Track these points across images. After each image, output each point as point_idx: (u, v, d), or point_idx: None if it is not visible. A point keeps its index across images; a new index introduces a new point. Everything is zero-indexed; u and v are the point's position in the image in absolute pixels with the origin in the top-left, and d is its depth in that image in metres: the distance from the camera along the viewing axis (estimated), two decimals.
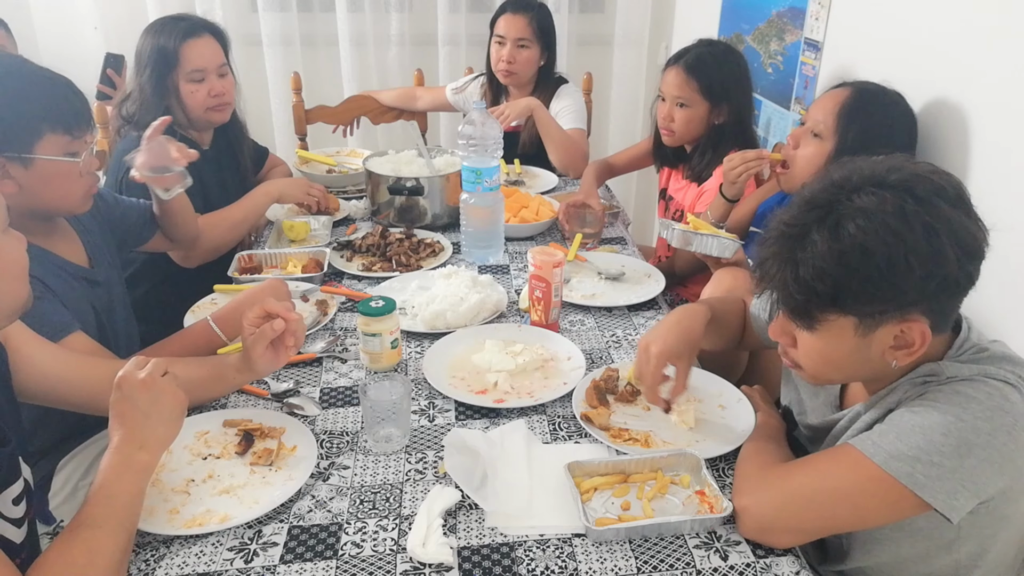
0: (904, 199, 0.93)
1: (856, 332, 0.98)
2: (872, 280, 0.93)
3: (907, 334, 0.97)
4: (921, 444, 0.95)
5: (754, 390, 1.38)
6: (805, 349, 1.05)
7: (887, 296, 0.94)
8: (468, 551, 1.05)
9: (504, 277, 1.87)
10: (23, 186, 1.34)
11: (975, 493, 0.95)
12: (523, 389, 1.40)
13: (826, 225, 0.94)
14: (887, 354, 1.00)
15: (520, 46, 2.53)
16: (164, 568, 1.03)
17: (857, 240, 0.92)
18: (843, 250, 0.93)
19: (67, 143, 1.37)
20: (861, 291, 0.94)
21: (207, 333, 1.48)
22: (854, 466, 0.99)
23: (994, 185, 1.46)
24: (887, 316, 0.96)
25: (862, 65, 1.92)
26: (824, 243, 0.94)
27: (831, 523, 1.05)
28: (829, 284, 0.94)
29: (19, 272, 1.05)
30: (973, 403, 0.96)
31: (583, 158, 2.55)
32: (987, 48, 1.50)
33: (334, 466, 1.22)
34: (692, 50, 2.08)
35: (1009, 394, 0.97)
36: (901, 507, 0.97)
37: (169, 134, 1.95)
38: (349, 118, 2.95)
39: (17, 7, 2.92)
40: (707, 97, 2.05)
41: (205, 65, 1.99)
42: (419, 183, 2.04)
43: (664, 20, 3.37)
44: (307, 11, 3.18)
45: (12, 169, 1.32)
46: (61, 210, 1.47)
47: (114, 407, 1.05)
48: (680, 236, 1.62)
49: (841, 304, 0.96)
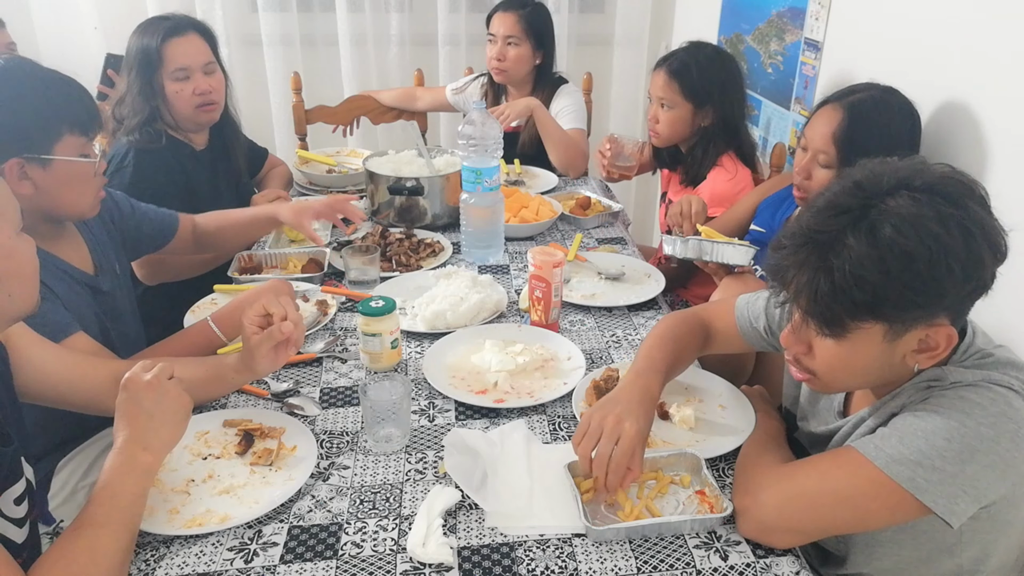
0: (938, 202, 0.90)
1: (884, 338, 0.95)
2: (913, 286, 0.90)
3: (933, 337, 0.96)
4: (924, 448, 0.94)
5: (754, 390, 1.38)
6: (825, 357, 1.01)
7: (926, 302, 0.92)
8: (468, 551, 1.05)
9: (504, 277, 1.87)
10: (40, 187, 1.35)
11: (976, 498, 0.94)
12: (523, 389, 1.40)
13: (861, 229, 0.91)
14: (909, 357, 0.98)
15: (509, 44, 2.53)
16: (164, 568, 1.03)
17: (898, 244, 0.89)
18: (882, 256, 0.89)
19: (83, 144, 1.38)
20: (901, 297, 0.91)
21: (207, 333, 1.48)
22: (856, 469, 0.98)
23: (997, 185, 1.46)
24: (919, 321, 0.94)
25: (862, 65, 1.92)
26: (862, 247, 0.90)
27: (831, 524, 1.05)
28: (868, 292, 0.90)
29: (31, 273, 1.06)
30: (977, 409, 0.94)
31: (583, 158, 2.55)
32: (988, 46, 1.50)
33: (334, 466, 1.22)
34: (679, 53, 2.11)
35: (1013, 400, 0.96)
36: (902, 511, 0.97)
37: (158, 136, 1.95)
38: (349, 118, 2.95)
39: (17, 7, 2.92)
40: (689, 99, 2.07)
41: (189, 63, 1.95)
42: (419, 183, 2.04)
43: (664, 20, 3.37)
44: (307, 11, 3.18)
45: (30, 170, 1.33)
46: (73, 212, 1.46)
47: (120, 408, 1.06)
48: (694, 247, 1.61)
49: (878, 312, 0.93)
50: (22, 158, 1.31)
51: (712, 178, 2.09)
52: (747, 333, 1.32)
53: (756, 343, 1.33)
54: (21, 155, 1.31)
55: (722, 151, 2.09)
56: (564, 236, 2.10)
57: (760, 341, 1.31)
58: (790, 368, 1.09)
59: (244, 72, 3.14)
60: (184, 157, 2.02)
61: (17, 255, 1.02)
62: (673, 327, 1.32)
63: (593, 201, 2.25)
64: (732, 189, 2.06)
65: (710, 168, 2.10)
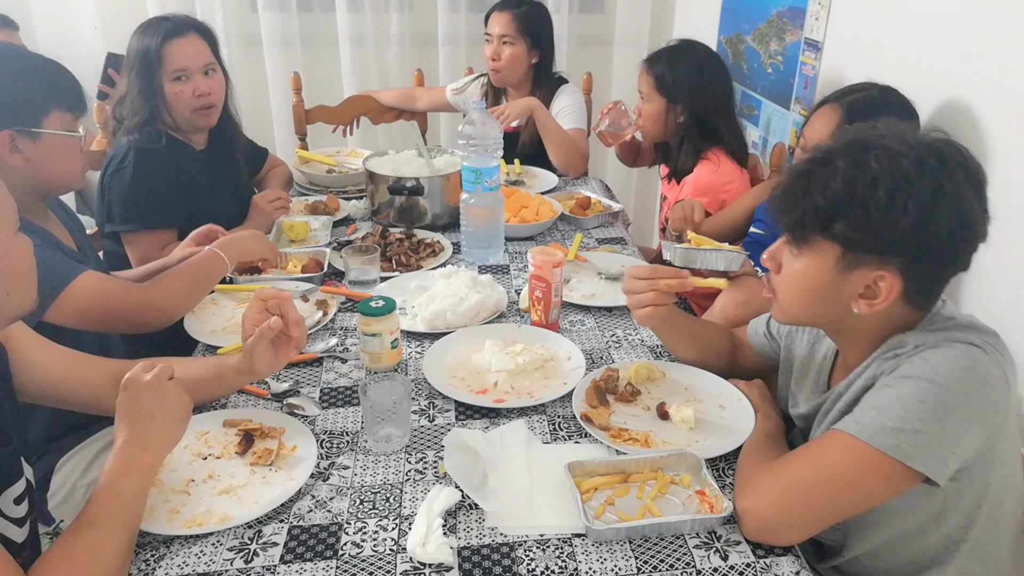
0: (928, 156, 0.98)
1: (836, 265, 1.03)
2: (867, 208, 0.98)
3: (878, 284, 1.02)
4: (901, 414, 0.98)
5: (753, 384, 1.38)
6: (786, 274, 1.11)
7: (874, 229, 0.99)
8: (468, 551, 1.05)
9: (504, 277, 1.87)
10: (29, 160, 1.44)
11: (959, 455, 0.98)
12: (523, 389, 1.40)
13: (851, 155, 1.00)
14: (854, 302, 1.05)
15: (504, 43, 2.53)
16: (164, 568, 1.03)
17: (871, 169, 0.98)
18: (855, 175, 0.98)
19: (70, 120, 1.48)
20: (855, 217, 0.99)
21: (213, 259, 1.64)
22: (843, 448, 1.01)
23: (997, 185, 1.46)
24: (868, 258, 1.01)
25: (862, 65, 1.92)
26: (843, 168, 1.00)
27: (832, 510, 1.05)
28: (830, 201, 1.00)
29: (29, 271, 1.06)
30: (942, 367, 0.99)
31: (583, 158, 2.55)
32: (988, 46, 1.50)
33: (334, 466, 1.22)
34: (660, 49, 2.19)
35: (975, 354, 1.01)
36: (896, 481, 1.00)
37: (158, 136, 1.95)
38: (349, 118, 2.95)
39: (17, 7, 2.92)
40: (662, 93, 2.15)
41: (189, 65, 1.94)
42: (419, 183, 2.04)
43: (664, 20, 3.37)
44: (307, 11, 3.18)
45: (21, 143, 1.42)
46: (60, 185, 1.56)
47: (120, 408, 1.06)
48: (682, 255, 1.60)
49: (835, 228, 1.01)
50: (13, 131, 1.40)
51: (697, 172, 2.15)
52: (755, 342, 1.43)
53: (762, 349, 1.43)
54: (12, 128, 1.40)
55: (703, 148, 2.13)
56: (564, 236, 2.10)
57: (765, 345, 1.41)
58: (763, 288, 1.17)
59: (244, 72, 3.14)
60: (184, 157, 2.02)
61: (15, 254, 1.03)
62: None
63: (593, 201, 2.25)
64: (717, 180, 2.10)
65: (695, 163, 2.15)
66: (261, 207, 2.07)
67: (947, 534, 1.10)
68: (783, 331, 1.37)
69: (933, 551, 1.12)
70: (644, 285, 1.32)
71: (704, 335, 1.46)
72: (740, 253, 1.57)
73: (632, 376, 1.39)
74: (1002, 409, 1.01)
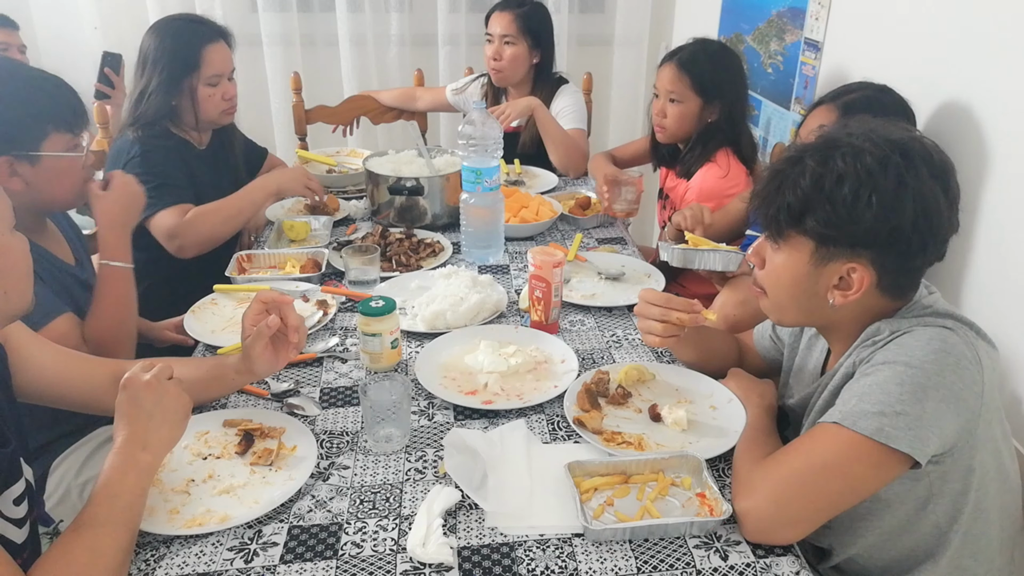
0: (892, 152, 1.02)
1: (811, 259, 1.08)
2: (835, 205, 1.02)
3: (850, 276, 1.06)
4: (881, 399, 1.01)
5: (731, 374, 1.39)
6: (769, 268, 1.15)
7: (842, 223, 1.03)
8: (468, 551, 1.05)
9: (504, 277, 1.87)
10: (29, 183, 1.41)
11: (938, 435, 1.01)
12: (513, 391, 1.39)
13: (820, 153, 1.05)
14: (830, 293, 1.09)
15: (506, 43, 2.53)
16: (164, 568, 1.03)
17: (837, 168, 1.03)
18: (823, 173, 1.03)
19: (69, 140, 1.45)
20: (822, 212, 1.03)
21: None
22: (831, 438, 1.03)
23: (996, 185, 1.46)
24: (839, 251, 1.06)
25: (862, 65, 1.92)
26: (811, 167, 1.05)
27: (827, 502, 1.05)
28: (801, 199, 1.05)
29: (25, 270, 1.06)
30: (916, 351, 1.03)
31: (583, 158, 2.55)
32: (987, 46, 1.50)
33: (334, 466, 1.22)
34: (687, 47, 2.11)
35: (948, 336, 1.04)
36: (885, 467, 1.02)
37: (166, 135, 1.96)
38: (349, 118, 2.95)
39: (17, 7, 2.92)
40: (699, 93, 2.07)
41: (224, 70, 2.03)
42: (419, 183, 2.04)
43: (664, 20, 3.37)
44: (307, 11, 3.18)
45: (19, 167, 1.40)
46: (60, 204, 1.54)
47: (119, 408, 1.06)
48: (680, 255, 1.60)
49: (804, 223, 1.06)
50: (10, 156, 1.38)
51: (702, 174, 2.10)
52: (761, 346, 1.46)
53: (768, 352, 1.45)
54: (9, 154, 1.37)
55: (721, 146, 2.09)
56: (564, 236, 2.10)
57: (772, 349, 1.44)
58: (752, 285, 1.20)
59: (244, 72, 3.11)
60: (189, 156, 2.04)
61: (11, 253, 1.03)
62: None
63: (593, 201, 2.25)
64: (723, 186, 2.07)
65: (705, 161, 2.10)
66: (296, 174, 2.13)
67: (936, 523, 1.11)
68: (787, 333, 1.38)
69: (925, 543, 1.13)
70: (656, 313, 1.30)
71: (709, 341, 1.45)
72: (737, 253, 1.58)
73: (623, 378, 1.39)
74: (977, 390, 1.03)
